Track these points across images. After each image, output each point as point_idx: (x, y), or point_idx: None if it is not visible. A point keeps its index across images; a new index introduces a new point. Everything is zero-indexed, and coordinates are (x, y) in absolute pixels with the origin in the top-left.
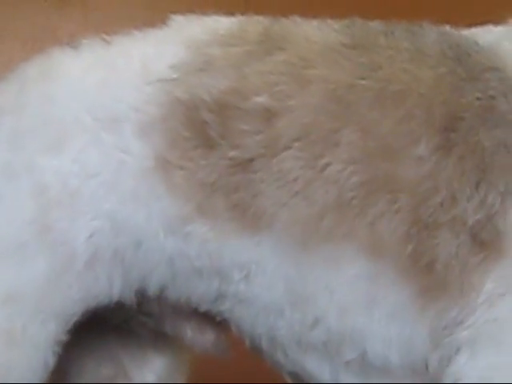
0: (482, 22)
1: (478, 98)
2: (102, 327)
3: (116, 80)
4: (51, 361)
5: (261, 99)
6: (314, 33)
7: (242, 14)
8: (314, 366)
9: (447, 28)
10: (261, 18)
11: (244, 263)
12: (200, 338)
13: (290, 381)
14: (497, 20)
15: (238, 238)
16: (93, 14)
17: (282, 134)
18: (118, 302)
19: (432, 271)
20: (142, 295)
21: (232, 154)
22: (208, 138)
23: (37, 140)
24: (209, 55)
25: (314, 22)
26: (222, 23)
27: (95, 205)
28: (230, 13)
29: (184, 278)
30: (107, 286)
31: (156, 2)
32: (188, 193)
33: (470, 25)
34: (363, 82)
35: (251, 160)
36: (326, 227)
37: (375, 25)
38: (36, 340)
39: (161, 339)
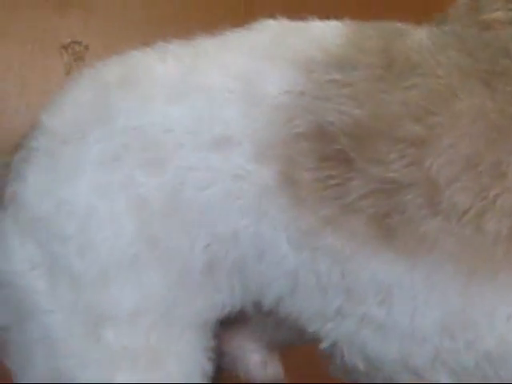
0: None
1: None
2: None
3: (216, 97)
4: (208, 367)
5: (411, 127)
6: (442, 56)
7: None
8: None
9: None
10: (369, 30)
11: (385, 286)
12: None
13: None
14: None
15: (384, 260)
16: (93, 16)
17: (444, 164)
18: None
19: None
20: (258, 307)
21: (375, 179)
22: (340, 163)
23: (133, 156)
24: (330, 81)
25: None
26: (325, 33)
27: (210, 216)
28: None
29: (304, 292)
30: (229, 295)
31: (155, 3)
32: (318, 209)
33: None
34: None
35: (407, 186)
36: (499, 256)
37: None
38: (181, 351)
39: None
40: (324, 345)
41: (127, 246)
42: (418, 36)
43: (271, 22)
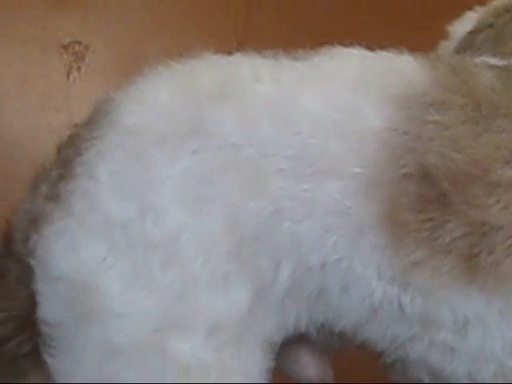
0: None
1: None
2: None
3: (322, 126)
4: None
5: (505, 171)
6: None
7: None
8: None
9: None
10: (441, 65)
11: (462, 317)
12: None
13: None
14: None
15: (465, 295)
16: (92, 15)
17: None
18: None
19: None
20: (323, 331)
21: (472, 222)
22: (441, 205)
23: (231, 174)
24: (431, 122)
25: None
26: (406, 67)
27: (302, 248)
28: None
29: (382, 322)
30: (301, 320)
31: (155, 3)
32: (414, 249)
33: None
34: None
35: (497, 229)
36: None
37: None
38: (249, 370)
39: None
40: (387, 360)
41: (219, 265)
42: (486, 75)
43: (352, 52)
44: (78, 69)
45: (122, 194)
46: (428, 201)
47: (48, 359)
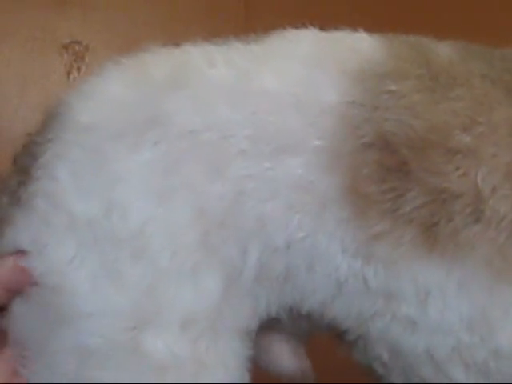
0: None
1: None
2: None
3: (278, 103)
4: (247, 378)
5: (463, 138)
6: (471, 68)
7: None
8: (460, 376)
9: None
10: (398, 42)
11: (424, 289)
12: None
13: None
14: None
15: (425, 265)
16: (92, 14)
17: (488, 173)
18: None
19: None
20: (292, 312)
21: (432, 189)
22: (403, 174)
23: (192, 161)
24: (387, 92)
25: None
26: (360, 44)
27: (267, 228)
28: (232, 15)
29: (347, 297)
30: (272, 304)
31: (156, 3)
32: (377, 221)
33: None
34: None
35: (456, 197)
36: None
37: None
38: (228, 361)
39: None
40: (350, 337)
41: (187, 255)
42: (444, 49)
43: (307, 32)
44: (78, 69)
45: (85, 191)
46: (389, 170)
47: (22, 370)
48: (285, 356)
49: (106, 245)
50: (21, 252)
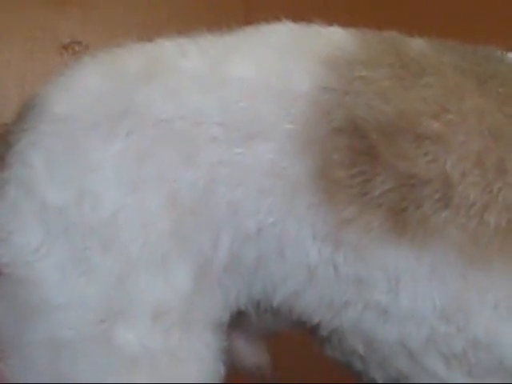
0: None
1: None
2: None
3: (250, 90)
4: (222, 369)
5: (431, 124)
6: (443, 59)
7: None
8: (439, 368)
9: None
10: (372, 35)
11: (394, 275)
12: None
13: None
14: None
15: (395, 251)
16: (92, 14)
17: (458, 160)
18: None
19: None
20: (259, 309)
21: (400, 174)
22: (372, 158)
23: (165, 150)
24: (358, 78)
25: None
26: (335, 35)
27: (239, 214)
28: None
29: (317, 287)
30: (243, 294)
31: (156, 3)
32: (346, 205)
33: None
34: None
35: (425, 182)
36: (496, 245)
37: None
38: (201, 353)
39: None
40: (323, 332)
41: (159, 245)
42: (417, 43)
43: (282, 24)
44: None
45: (58, 179)
46: (358, 154)
47: (1, 365)
48: (244, 351)
49: (76, 233)
50: None
